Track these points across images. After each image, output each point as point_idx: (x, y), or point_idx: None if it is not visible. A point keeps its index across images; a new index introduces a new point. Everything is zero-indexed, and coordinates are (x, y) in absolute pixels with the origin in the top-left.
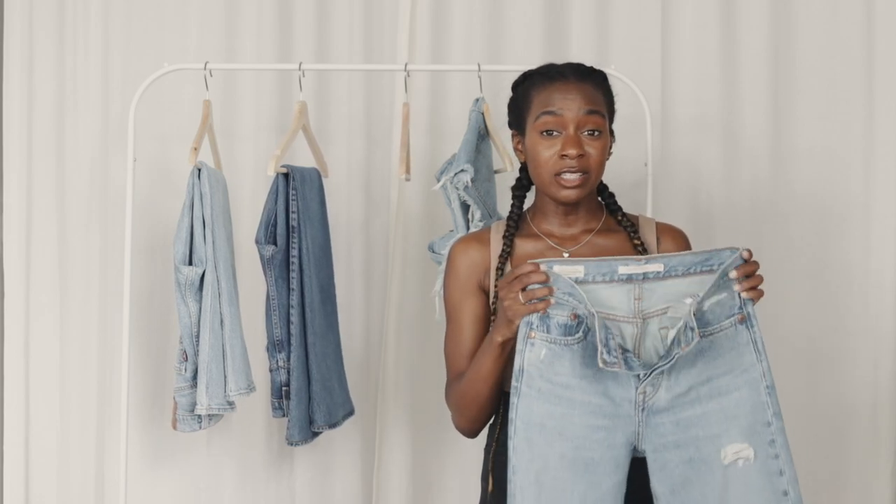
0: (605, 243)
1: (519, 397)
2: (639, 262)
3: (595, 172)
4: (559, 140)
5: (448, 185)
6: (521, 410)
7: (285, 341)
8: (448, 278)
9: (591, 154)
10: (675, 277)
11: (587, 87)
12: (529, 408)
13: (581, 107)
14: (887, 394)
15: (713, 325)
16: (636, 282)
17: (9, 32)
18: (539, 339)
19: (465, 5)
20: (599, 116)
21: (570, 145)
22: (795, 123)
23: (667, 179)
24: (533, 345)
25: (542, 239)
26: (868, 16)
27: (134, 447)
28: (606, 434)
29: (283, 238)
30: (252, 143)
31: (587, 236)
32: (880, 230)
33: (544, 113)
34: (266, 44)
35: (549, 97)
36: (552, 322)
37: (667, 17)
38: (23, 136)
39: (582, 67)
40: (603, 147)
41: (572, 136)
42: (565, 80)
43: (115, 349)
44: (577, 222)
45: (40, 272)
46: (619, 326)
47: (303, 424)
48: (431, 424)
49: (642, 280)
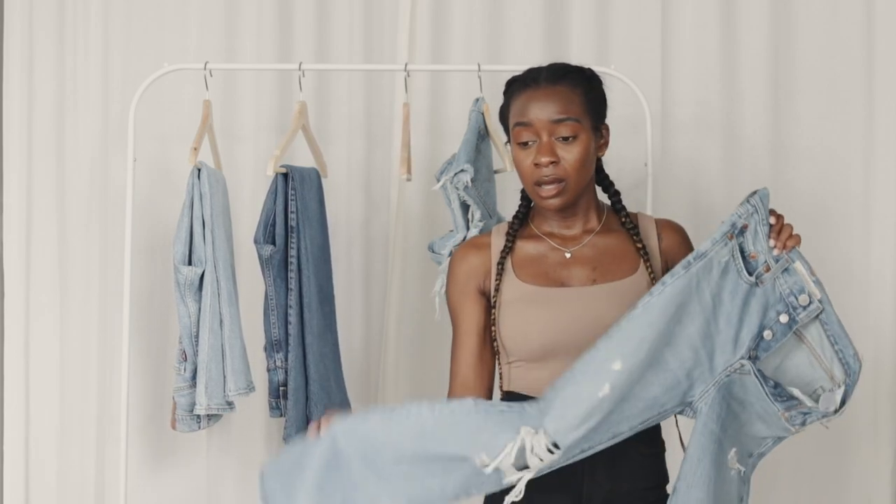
0: (606, 243)
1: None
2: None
3: (573, 177)
4: (534, 149)
5: (448, 185)
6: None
7: (283, 341)
8: (449, 286)
9: (565, 159)
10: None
11: (560, 90)
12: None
13: (551, 114)
14: (887, 394)
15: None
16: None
17: (9, 32)
18: None
19: (465, 5)
20: (572, 122)
21: (541, 153)
22: (795, 123)
23: (667, 179)
24: (725, 245)
25: (544, 240)
26: (868, 16)
27: (134, 447)
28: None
29: (281, 238)
30: (252, 143)
31: (588, 237)
32: (880, 230)
33: (517, 124)
34: (266, 44)
35: (522, 106)
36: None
37: (667, 17)
38: (23, 136)
39: (558, 69)
40: (581, 151)
41: (544, 144)
42: (536, 87)
43: (115, 349)
44: (577, 223)
45: (40, 272)
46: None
47: (300, 424)
48: None
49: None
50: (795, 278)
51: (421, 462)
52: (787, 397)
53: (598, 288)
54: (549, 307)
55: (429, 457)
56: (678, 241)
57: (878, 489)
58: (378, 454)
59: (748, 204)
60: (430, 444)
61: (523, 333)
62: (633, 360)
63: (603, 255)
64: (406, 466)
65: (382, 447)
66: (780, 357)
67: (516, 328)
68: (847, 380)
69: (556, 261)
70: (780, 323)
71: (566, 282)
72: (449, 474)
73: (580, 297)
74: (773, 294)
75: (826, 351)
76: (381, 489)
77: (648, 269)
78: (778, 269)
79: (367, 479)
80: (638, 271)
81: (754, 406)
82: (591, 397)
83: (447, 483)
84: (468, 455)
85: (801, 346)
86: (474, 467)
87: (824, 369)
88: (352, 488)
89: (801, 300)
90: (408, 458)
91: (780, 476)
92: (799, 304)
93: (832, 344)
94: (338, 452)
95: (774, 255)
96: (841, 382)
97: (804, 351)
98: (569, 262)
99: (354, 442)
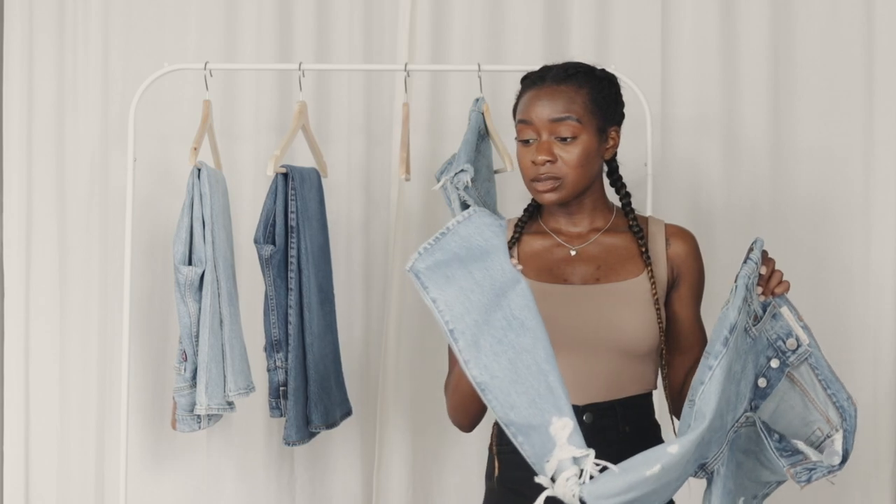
0: (613, 242)
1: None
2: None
3: (570, 177)
4: (533, 147)
5: (448, 185)
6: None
7: (283, 341)
8: None
9: (563, 158)
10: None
11: (564, 89)
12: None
13: (551, 114)
14: (887, 394)
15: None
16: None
17: (9, 32)
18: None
19: (465, 5)
20: (572, 122)
21: (538, 152)
22: (795, 123)
23: (667, 179)
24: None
25: (550, 236)
26: (868, 16)
27: (134, 447)
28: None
29: (281, 238)
30: (252, 143)
31: (594, 235)
32: (880, 230)
33: (519, 122)
34: (266, 44)
35: (526, 105)
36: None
37: (667, 16)
38: (23, 136)
39: (567, 68)
40: (580, 151)
41: (543, 143)
42: (541, 86)
43: (115, 349)
44: (583, 221)
45: (40, 272)
46: None
47: (300, 424)
48: (431, 424)
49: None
50: (783, 323)
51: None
52: (791, 452)
53: (600, 287)
54: (551, 303)
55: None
56: (686, 250)
57: (879, 488)
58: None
59: (752, 262)
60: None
61: None
62: (687, 445)
63: (608, 255)
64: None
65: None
66: (775, 401)
67: None
68: (844, 424)
69: (560, 257)
70: (772, 368)
71: (569, 279)
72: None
73: (582, 294)
74: (763, 341)
75: (819, 394)
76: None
77: (650, 276)
78: (767, 316)
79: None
80: (642, 275)
81: (758, 455)
82: (638, 473)
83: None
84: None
85: (794, 389)
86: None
87: (819, 412)
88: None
89: (790, 344)
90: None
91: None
92: (787, 348)
93: (825, 388)
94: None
95: (761, 302)
96: (838, 426)
97: (798, 393)
98: (573, 259)
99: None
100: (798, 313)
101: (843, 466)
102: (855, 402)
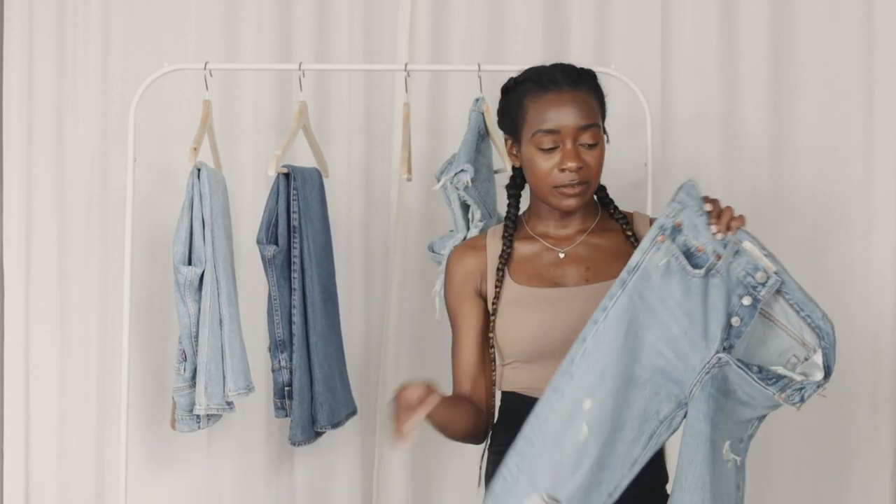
0: (599, 242)
1: (623, 290)
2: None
3: (594, 181)
4: (557, 153)
5: (448, 185)
6: (620, 301)
7: (287, 341)
8: (446, 288)
9: (589, 164)
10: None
11: (581, 95)
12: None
13: (578, 121)
14: (887, 394)
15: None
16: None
17: (9, 32)
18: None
19: (465, 5)
20: (595, 127)
21: (569, 159)
22: (795, 123)
23: (667, 179)
24: (658, 249)
25: (538, 241)
26: (868, 16)
27: (134, 447)
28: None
29: (284, 238)
30: (252, 143)
31: (581, 236)
32: (880, 230)
33: (540, 131)
34: (266, 44)
35: (544, 112)
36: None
37: (667, 17)
38: (23, 136)
39: (573, 72)
40: (600, 155)
41: (570, 151)
42: (559, 91)
43: (115, 349)
44: (573, 223)
45: (40, 272)
46: None
47: (305, 424)
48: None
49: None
50: (747, 258)
51: None
52: (775, 378)
53: (591, 287)
54: (543, 308)
55: None
56: None
57: (879, 488)
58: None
59: (674, 202)
60: None
61: (518, 335)
62: (601, 393)
63: (597, 255)
64: None
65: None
66: (746, 339)
67: (511, 330)
68: (822, 342)
69: (549, 261)
70: (744, 306)
71: (560, 282)
72: None
73: (574, 296)
74: (731, 280)
75: (793, 321)
76: None
77: None
78: (728, 253)
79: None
80: None
81: (737, 394)
82: (574, 442)
83: None
84: None
85: (765, 322)
86: None
87: (793, 337)
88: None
89: (759, 277)
90: None
91: (780, 475)
92: (757, 281)
93: (797, 312)
94: None
95: (721, 241)
96: (816, 346)
97: (769, 325)
98: (562, 261)
99: None
100: (761, 244)
101: (828, 380)
102: (830, 318)
